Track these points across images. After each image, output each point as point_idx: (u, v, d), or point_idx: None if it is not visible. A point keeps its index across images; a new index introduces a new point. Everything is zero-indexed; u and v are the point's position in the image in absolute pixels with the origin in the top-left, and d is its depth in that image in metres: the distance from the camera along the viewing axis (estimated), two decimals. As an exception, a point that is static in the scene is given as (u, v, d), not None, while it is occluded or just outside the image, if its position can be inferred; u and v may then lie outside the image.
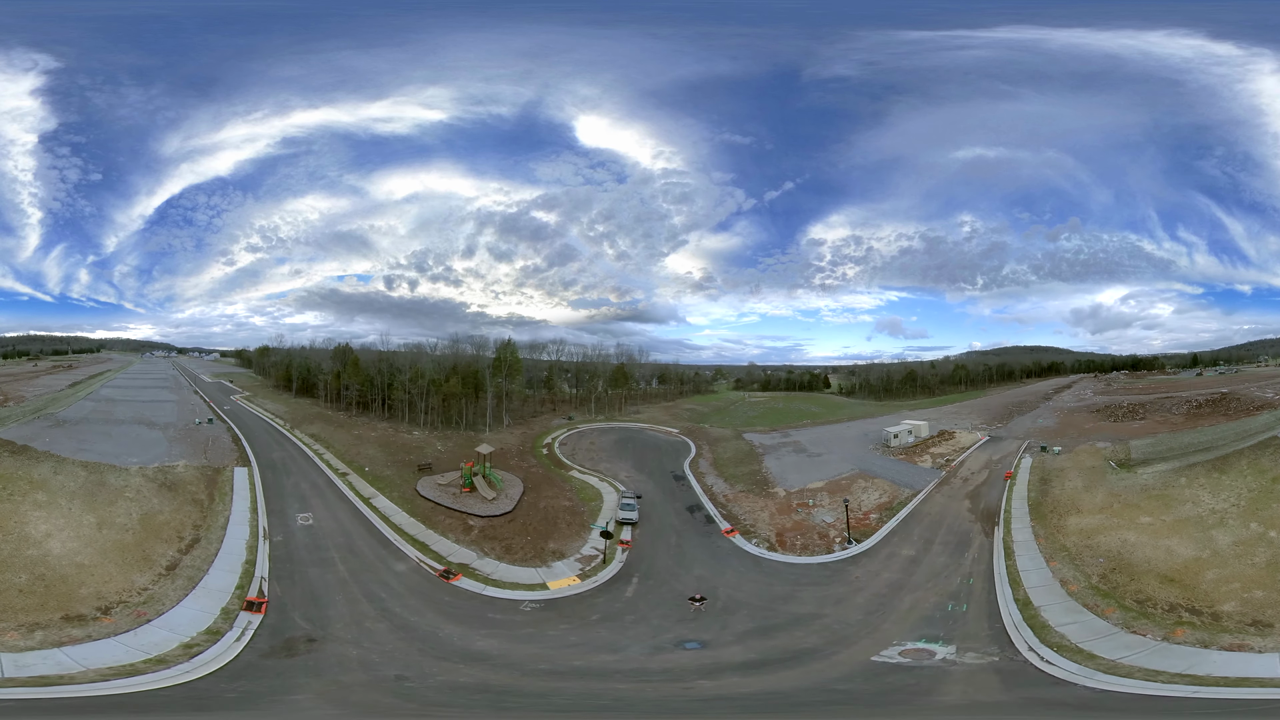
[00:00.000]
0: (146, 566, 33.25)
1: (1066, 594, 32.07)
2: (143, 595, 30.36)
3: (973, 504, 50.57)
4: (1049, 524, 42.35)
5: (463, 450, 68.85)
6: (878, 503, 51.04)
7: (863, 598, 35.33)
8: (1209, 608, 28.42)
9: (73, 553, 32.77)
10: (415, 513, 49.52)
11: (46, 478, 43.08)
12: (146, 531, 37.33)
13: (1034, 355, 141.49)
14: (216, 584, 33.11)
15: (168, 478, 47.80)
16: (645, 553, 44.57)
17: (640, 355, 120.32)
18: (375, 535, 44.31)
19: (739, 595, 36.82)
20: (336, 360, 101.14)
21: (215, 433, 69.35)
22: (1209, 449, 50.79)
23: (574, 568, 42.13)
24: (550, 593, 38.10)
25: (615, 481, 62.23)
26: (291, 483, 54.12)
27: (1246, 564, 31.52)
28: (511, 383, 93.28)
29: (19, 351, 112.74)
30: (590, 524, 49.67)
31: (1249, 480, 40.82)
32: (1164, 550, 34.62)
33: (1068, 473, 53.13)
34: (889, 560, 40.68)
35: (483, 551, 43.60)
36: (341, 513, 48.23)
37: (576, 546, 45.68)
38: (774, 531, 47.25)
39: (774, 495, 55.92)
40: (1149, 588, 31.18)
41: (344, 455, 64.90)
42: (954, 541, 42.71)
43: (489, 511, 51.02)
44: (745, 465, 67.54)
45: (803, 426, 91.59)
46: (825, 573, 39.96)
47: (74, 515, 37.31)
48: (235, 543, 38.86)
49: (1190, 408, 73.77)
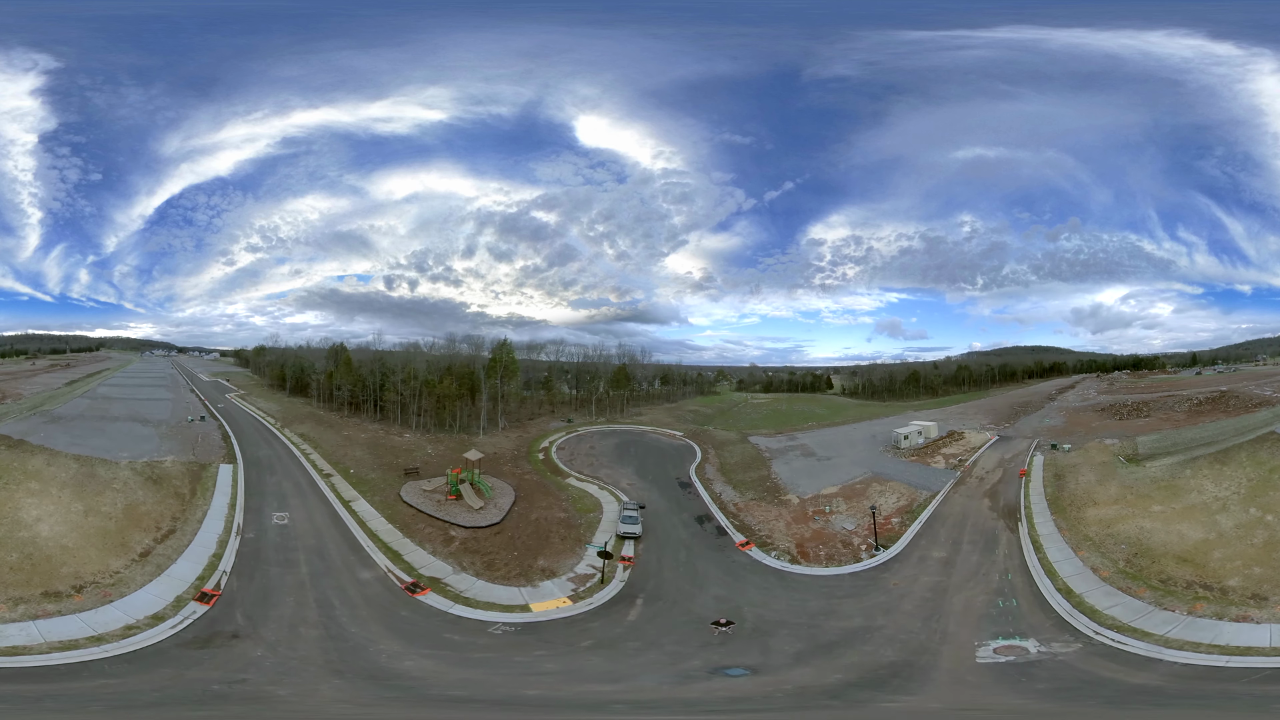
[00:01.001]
0: (123, 552, 35.64)
1: (1100, 580, 34.60)
2: (114, 578, 32.83)
3: (992, 502, 51.76)
4: (1069, 517, 43.85)
5: (454, 454, 67.97)
6: (897, 506, 51.67)
7: (910, 604, 35.10)
8: (1218, 583, 32.04)
9: (59, 536, 35.48)
10: (394, 519, 48.69)
11: (40, 469, 45.41)
12: (128, 520, 39.69)
13: (1035, 355, 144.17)
14: (180, 573, 35.00)
15: (154, 471, 49.67)
16: (651, 570, 42.05)
17: (643, 356, 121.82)
18: (348, 540, 43.80)
19: (770, 615, 34.72)
20: (330, 359, 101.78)
21: (205, 430, 70.38)
22: (1211, 443, 53.70)
23: (565, 588, 39.21)
24: (531, 615, 35.31)
25: (616, 490, 60.37)
26: (274, 481, 54.70)
27: (1247, 544, 35.20)
28: (508, 384, 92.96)
29: (17, 350, 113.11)
30: (587, 540, 47.30)
31: (1248, 471, 44.24)
32: (1176, 534, 37.87)
33: (1080, 468, 54.67)
34: (922, 564, 41.01)
35: (460, 566, 41.60)
36: (318, 514, 48.26)
37: (570, 564, 42.89)
38: (794, 542, 46.05)
39: (787, 503, 55.23)
40: (1169, 568, 34.49)
41: (330, 456, 65.03)
42: (982, 540, 43.67)
43: (474, 522, 49.13)
44: (753, 471, 67.14)
45: (808, 429, 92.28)
46: (859, 582, 39.28)
47: (64, 503, 39.99)
48: (208, 536, 40.45)
49: (1192, 405, 76.36)
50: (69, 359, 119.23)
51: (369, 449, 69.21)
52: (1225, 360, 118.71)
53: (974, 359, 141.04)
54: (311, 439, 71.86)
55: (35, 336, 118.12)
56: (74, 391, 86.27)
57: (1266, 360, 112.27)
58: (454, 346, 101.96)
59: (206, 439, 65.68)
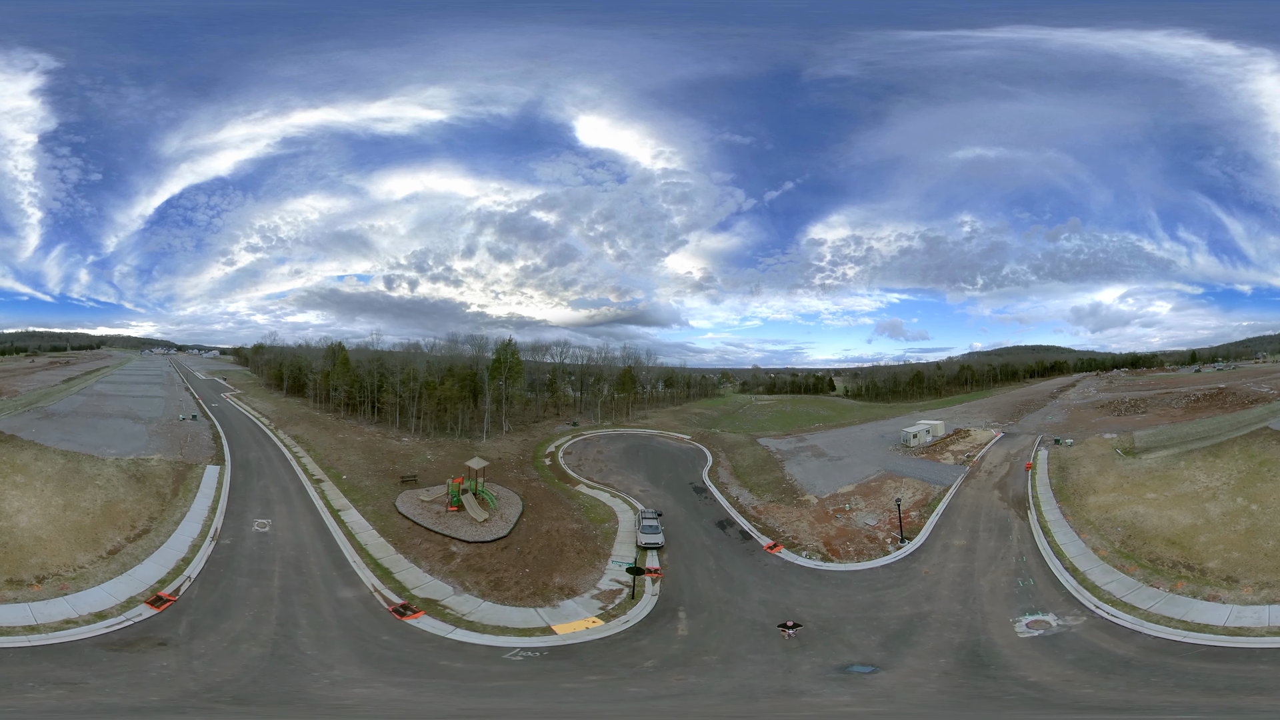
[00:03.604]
0: (93, 548, 37.30)
1: (1099, 559, 40.01)
2: (76, 572, 34.42)
3: (1002, 493, 57.56)
4: (1073, 504, 49.76)
5: (455, 460, 67.95)
6: (914, 501, 56.86)
7: (946, 589, 39.10)
8: (1200, 564, 36.48)
9: (36, 528, 37.71)
10: (387, 532, 47.37)
11: (27, 463, 48.09)
12: (105, 517, 41.42)
13: (1036, 355, 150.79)
14: (142, 574, 35.87)
15: (139, 470, 51.39)
16: (682, 581, 41.97)
17: (648, 358, 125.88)
18: (333, 553, 42.73)
19: (825, 613, 36.56)
20: (328, 359, 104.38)
21: (196, 429, 72.39)
22: (1206, 438, 58.44)
23: (590, 607, 38.04)
24: (557, 638, 33.91)
25: (629, 497, 60.44)
26: (260, 485, 55.07)
27: (1230, 530, 39.40)
28: (512, 386, 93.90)
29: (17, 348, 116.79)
30: (607, 550, 47.25)
31: (1240, 464, 48.64)
32: (1167, 519, 42.73)
33: (1081, 461, 60.74)
34: (945, 552, 45.47)
35: (463, 585, 40.00)
36: (304, 523, 47.52)
37: (591, 580, 41.85)
38: (821, 541, 48.61)
39: (807, 503, 57.83)
40: (1158, 549, 39.44)
41: (323, 460, 65.29)
42: (996, 528, 49.12)
43: (478, 536, 47.63)
44: (767, 473, 69.62)
45: (816, 430, 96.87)
46: (893, 573, 42.45)
47: (45, 496, 42.38)
48: (181, 539, 41.22)
49: (1189, 402, 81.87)
50: (69, 356, 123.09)
51: (364, 453, 69.45)
52: (1225, 358, 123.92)
53: (975, 359, 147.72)
54: (305, 441, 73.04)
55: (36, 334, 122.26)
56: (70, 389, 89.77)
57: (1266, 357, 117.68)
58: (455, 347, 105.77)
59: (196, 438, 67.51)
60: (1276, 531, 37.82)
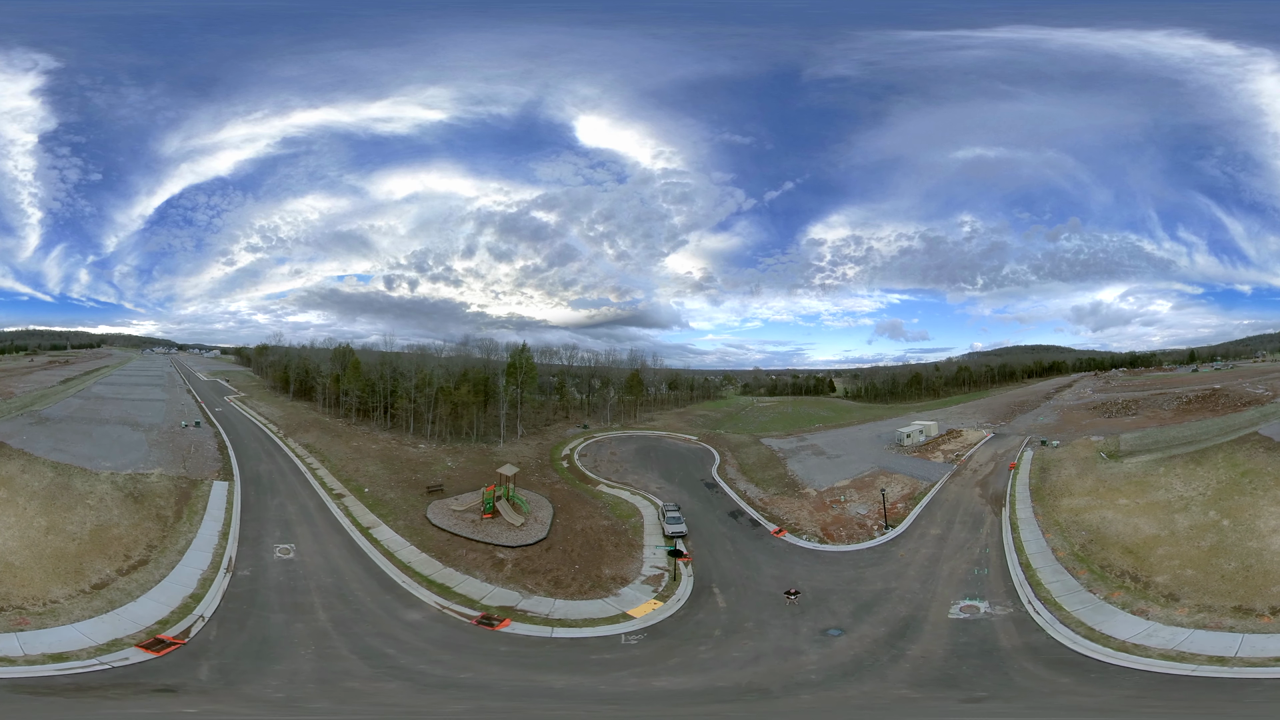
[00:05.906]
0: (74, 580, 33.79)
1: (1055, 559, 44.18)
2: (45, 607, 30.70)
3: (982, 490, 65.14)
4: (1046, 504, 56.75)
5: (476, 466, 70.50)
6: (902, 494, 64.88)
7: (913, 571, 45.80)
8: (1147, 577, 37.72)
9: (9, 552, 34.92)
10: (427, 546, 47.32)
11: (13, 475, 46.11)
12: (93, 544, 38.16)
13: (1035, 355, 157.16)
14: (136, 613, 31.98)
15: (137, 487, 48.94)
16: (709, 563, 48.75)
17: (653, 361, 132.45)
18: (376, 576, 41.65)
19: (819, 584, 43.92)
20: (336, 362, 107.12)
21: (201, 438, 71.03)
22: (1191, 443, 61.58)
23: (645, 591, 42.54)
24: (641, 620, 38.08)
25: (648, 494, 66.57)
26: (276, 504, 53.07)
27: (1193, 546, 40.00)
28: (526, 390, 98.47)
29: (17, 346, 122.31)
30: (639, 542, 52.35)
31: (1221, 473, 50.04)
32: (1131, 527, 45.44)
33: (1064, 463, 67.89)
34: (921, 539, 52.47)
35: (526, 589, 41.59)
36: (333, 545, 45.92)
37: (635, 569, 46.63)
38: (819, 527, 56.87)
39: (807, 496, 66.13)
40: (1113, 556, 41.92)
41: (340, 472, 64.74)
42: (970, 521, 56.55)
43: (519, 541, 49.99)
44: (771, 470, 77.76)
45: (816, 430, 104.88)
46: (875, 555, 50.17)
47: (27, 516, 39.85)
48: (188, 571, 37.80)
49: (1180, 404, 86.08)
50: (68, 355, 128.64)
51: (383, 463, 69.86)
52: (1225, 356, 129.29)
53: (975, 359, 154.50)
54: (318, 451, 72.73)
55: (36, 332, 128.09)
56: (67, 390, 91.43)
57: (1265, 356, 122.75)
58: (465, 349, 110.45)
59: (200, 449, 65.72)
60: (1242, 553, 37.44)
